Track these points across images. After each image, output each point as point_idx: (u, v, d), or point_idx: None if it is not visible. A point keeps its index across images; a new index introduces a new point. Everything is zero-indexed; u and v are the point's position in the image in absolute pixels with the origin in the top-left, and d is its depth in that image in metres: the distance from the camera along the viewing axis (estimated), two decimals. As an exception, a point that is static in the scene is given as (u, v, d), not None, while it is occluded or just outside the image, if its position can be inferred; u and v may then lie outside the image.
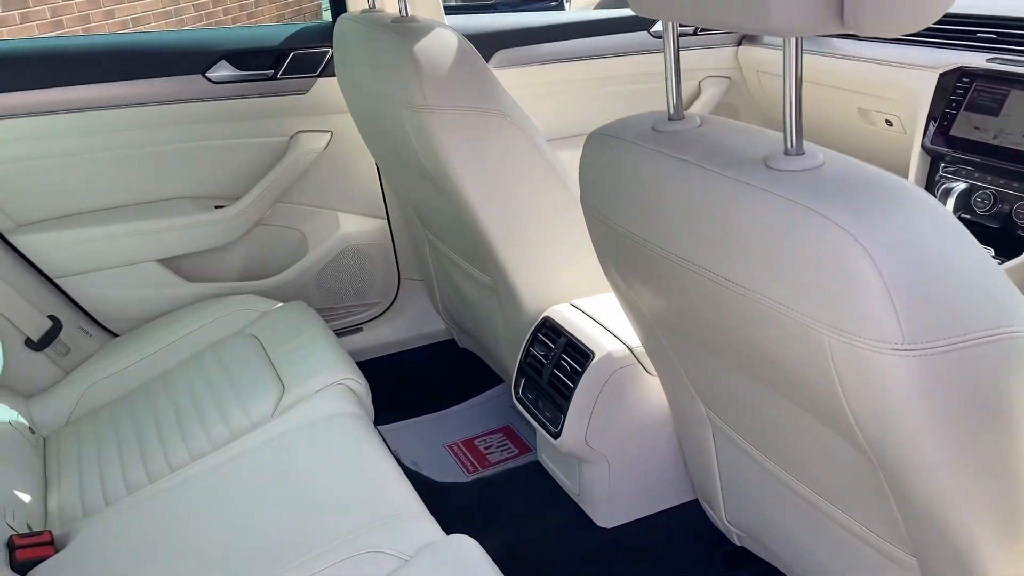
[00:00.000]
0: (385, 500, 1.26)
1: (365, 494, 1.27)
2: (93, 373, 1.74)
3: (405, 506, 1.25)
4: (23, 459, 1.52)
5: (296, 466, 1.35)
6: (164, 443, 1.49)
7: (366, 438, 1.41)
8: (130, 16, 5.86)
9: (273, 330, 1.72)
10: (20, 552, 1.26)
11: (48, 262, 1.79)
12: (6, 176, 1.74)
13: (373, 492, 1.27)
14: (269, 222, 1.99)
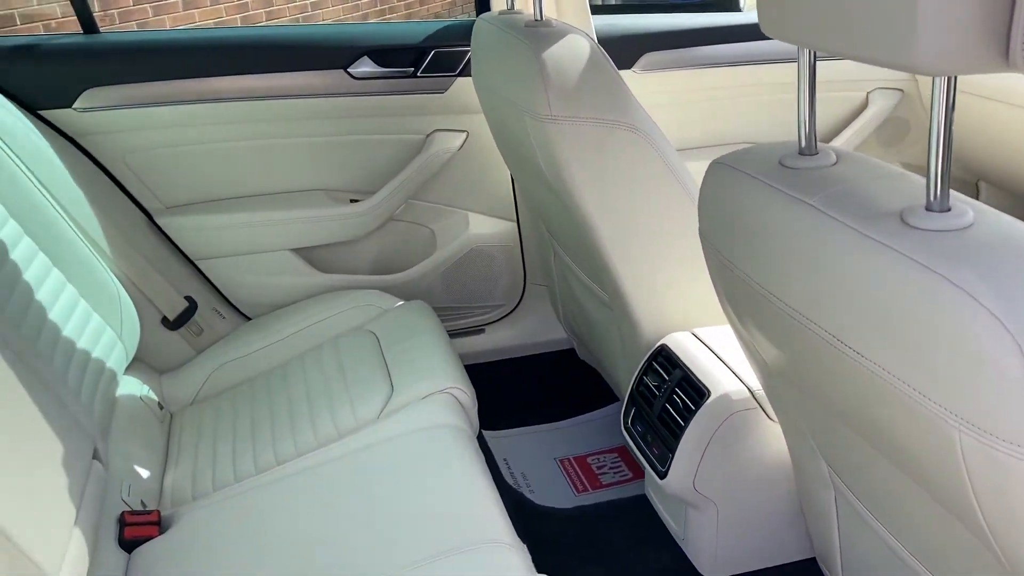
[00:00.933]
0: (475, 524, 1.21)
1: (455, 515, 1.23)
2: (222, 355, 1.80)
3: (495, 534, 1.20)
4: (149, 434, 1.59)
5: (391, 476, 1.33)
6: (275, 434, 1.52)
7: (466, 454, 1.37)
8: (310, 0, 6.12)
9: (391, 328, 1.72)
10: (128, 530, 1.32)
11: (189, 244, 1.87)
12: (158, 160, 1.82)
13: (464, 513, 1.24)
14: (400, 218, 2.00)
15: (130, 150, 1.80)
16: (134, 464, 1.49)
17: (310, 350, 1.75)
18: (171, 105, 1.78)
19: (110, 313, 1.63)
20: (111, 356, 1.59)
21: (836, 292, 0.74)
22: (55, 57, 1.71)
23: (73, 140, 1.75)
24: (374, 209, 1.94)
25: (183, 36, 1.82)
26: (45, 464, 1.12)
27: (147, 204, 1.85)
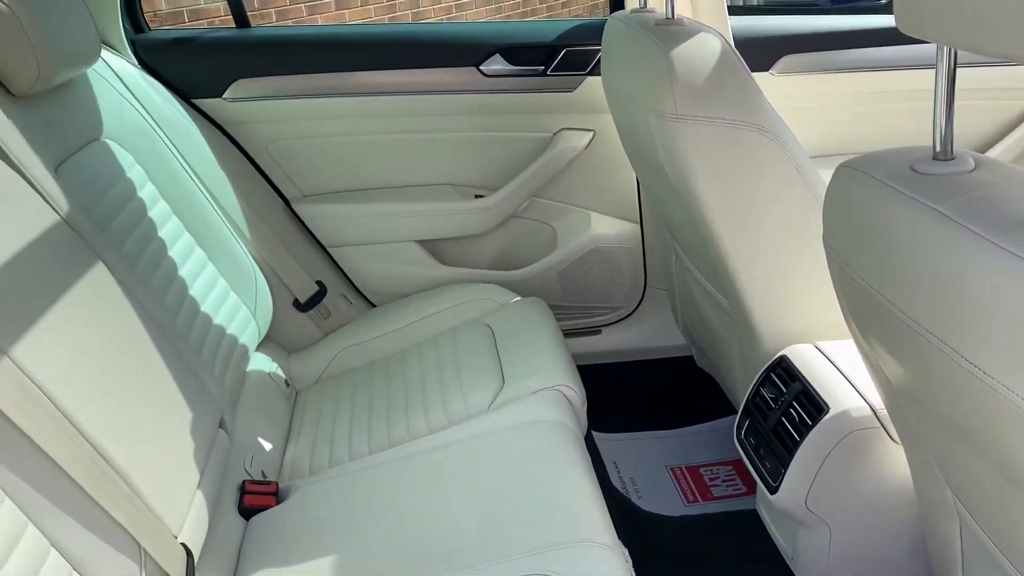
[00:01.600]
0: (576, 522, 1.21)
1: (556, 511, 1.23)
2: (346, 338, 1.88)
3: (595, 534, 1.19)
4: (275, 410, 1.67)
5: (496, 467, 1.34)
6: (390, 417, 1.56)
7: (571, 451, 1.37)
8: (455, 2, 6.27)
9: (507, 323, 1.74)
10: (248, 498, 1.39)
11: (322, 231, 1.95)
12: (298, 150, 1.91)
13: (565, 510, 1.23)
14: (523, 215, 2.01)
15: (273, 139, 1.90)
16: (258, 437, 1.57)
17: (428, 339, 1.79)
18: (312, 98, 1.86)
19: (246, 293, 1.73)
20: (245, 333, 1.68)
21: (964, 306, 0.69)
22: (209, 49, 1.83)
23: (221, 128, 1.86)
24: (498, 205, 1.96)
25: (326, 32, 1.90)
26: (174, 429, 1.20)
27: (286, 192, 1.94)
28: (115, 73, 1.64)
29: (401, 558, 1.19)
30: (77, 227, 1.25)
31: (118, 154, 1.54)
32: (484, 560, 1.16)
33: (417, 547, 1.21)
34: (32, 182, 1.20)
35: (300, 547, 1.26)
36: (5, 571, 0.87)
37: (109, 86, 1.58)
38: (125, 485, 1.02)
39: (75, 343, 1.09)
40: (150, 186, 1.60)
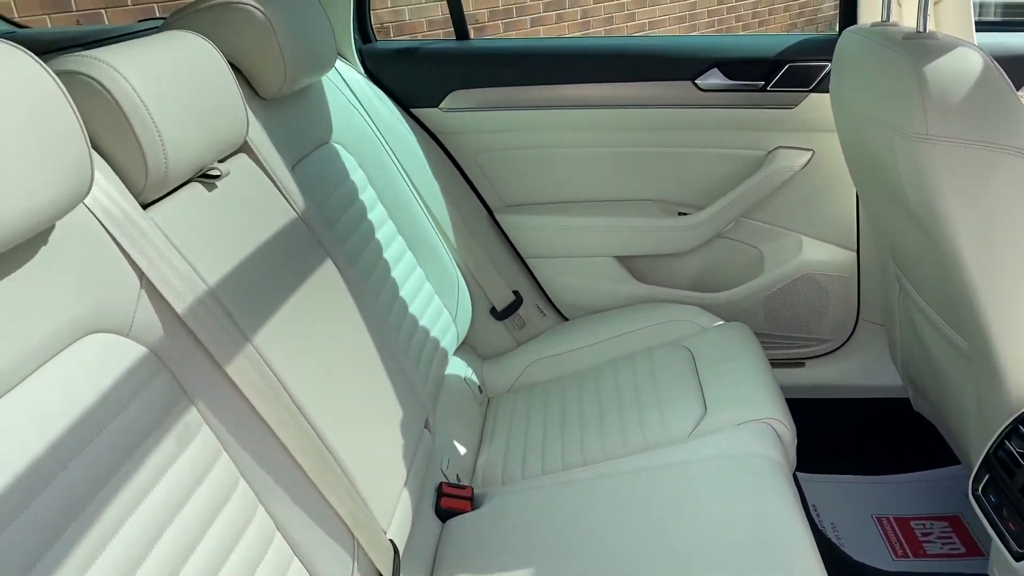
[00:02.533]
0: (785, 562, 1.13)
1: (763, 549, 1.15)
2: (540, 350, 1.87)
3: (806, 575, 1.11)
4: (469, 415, 1.69)
5: (698, 497, 1.28)
6: (583, 434, 1.53)
7: (781, 489, 1.28)
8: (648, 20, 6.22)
9: (708, 348, 1.67)
10: (444, 500, 1.40)
11: (522, 242, 1.96)
12: (505, 161, 1.93)
13: (773, 549, 1.15)
14: (728, 236, 1.94)
15: (482, 150, 1.93)
16: (454, 440, 1.59)
17: (623, 357, 1.75)
18: (523, 110, 1.87)
19: (449, 297, 1.76)
20: (445, 337, 1.71)
21: None
22: (429, 60, 1.88)
23: (435, 137, 1.91)
24: (702, 224, 1.90)
25: (541, 44, 1.91)
26: (386, 426, 1.23)
27: (490, 201, 1.97)
28: (344, 80, 1.72)
29: (597, 581, 1.16)
30: (311, 224, 1.30)
31: (344, 158, 1.61)
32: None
33: (612, 570, 1.16)
34: (274, 179, 1.27)
35: (497, 556, 1.25)
36: (237, 550, 0.90)
37: (339, 92, 1.66)
38: (345, 478, 1.05)
39: (305, 335, 1.13)
40: (370, 189, 1.66)
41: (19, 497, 0.69)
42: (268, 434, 0.98)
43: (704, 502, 1.27)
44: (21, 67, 0.73)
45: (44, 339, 0.77)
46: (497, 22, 5.34)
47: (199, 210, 1.07)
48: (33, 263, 0.79)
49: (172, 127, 0.99)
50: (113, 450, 0.80)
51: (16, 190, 0.69)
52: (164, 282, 0.92)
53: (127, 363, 0.86)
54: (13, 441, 0.71)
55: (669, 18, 6.36)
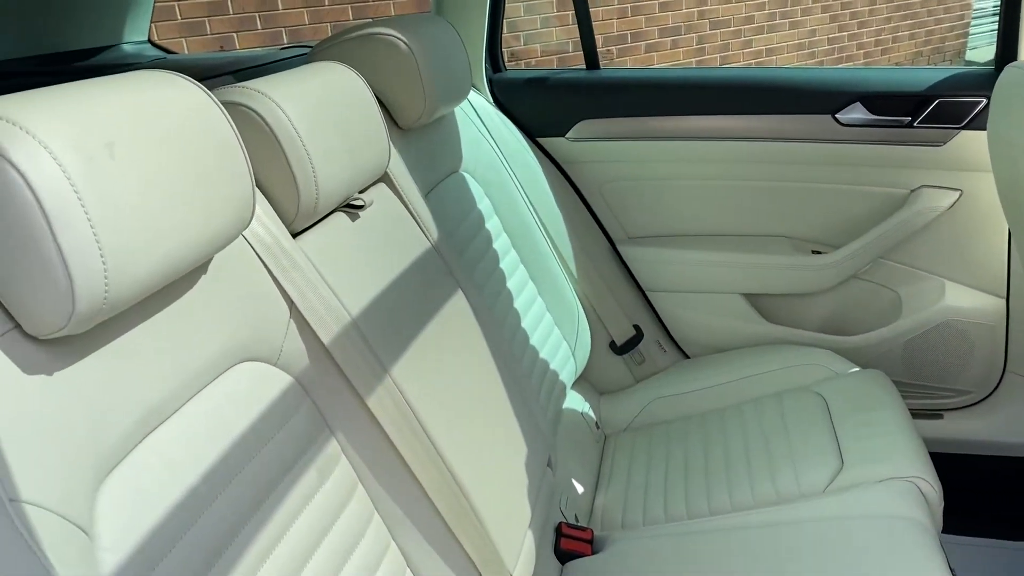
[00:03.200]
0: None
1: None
2: (660, 388, 1.82)
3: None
4: (586, 452, 1.65)
5: (837, 561, 1.20)
6: (709, 482, 1.47)
7: (929, 556, 1.19)
8: (765, 47, 6.09)
9: (844, 396, 1.58)
10: (564, 542, 1.36)
11: (644, 275, 1.91)
12: (630, 192, 1.90)
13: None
14: (864, 277, 1.84)
15: (606, 180, 1.90)
16: (572, 478, 1.55)
17: (750, 401, 1.68)
18: (652, 140, 1.84)
19: (569, 329, 1.73)
20: (564, 370, 1.68)
21: None
22: (559, 89, 1.87)
23: (560, 167, 1.90)
24: (838, 264, 1.81)
25: (673, 74, 1.87)
26: (513, 462, 1.20)
27: (612, 232, 1.93)
28: (474, 109, 1.72)
29: (731, 643, 1.10)
30: (442, 253, 1.30)
31: (472, 186, 1.61)
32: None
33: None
34: (410, 208, 1.27)
35: (619, 606, 1.20)
36: (369, 586, 0.89)
37: (470, 122, 1.67)
38: (474, 516, 1.03)
39: (438, 368, 1.12)
40: (495, 218, 1.65)
41: (175, 527, 0.69)
42: (403, 468, 0.97)
43: (843, 566, 1.19)
44: (194, 100, 0.75)
45: (200, 368, 0.78)
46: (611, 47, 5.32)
47: (343, 240, 1.07)
48: (193, 292, 0.80)
49: (323, 158, 1.00)
50: (260, 480, 0.80)
51: (187, 221, 0.70)
52: (312, 312, 0.92)
53: (275, 392, 0.86)
54: (169, 470, 0.71)
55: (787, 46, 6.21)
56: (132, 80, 0.71)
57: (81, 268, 0.59)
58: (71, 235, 0.59)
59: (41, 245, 0.58)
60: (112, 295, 0.62)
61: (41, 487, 0.58)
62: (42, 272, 0.58)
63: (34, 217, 0.57)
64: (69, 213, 0.59)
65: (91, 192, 0.61)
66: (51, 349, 0.64)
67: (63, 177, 0.59)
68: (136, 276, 0.64)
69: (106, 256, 0.61)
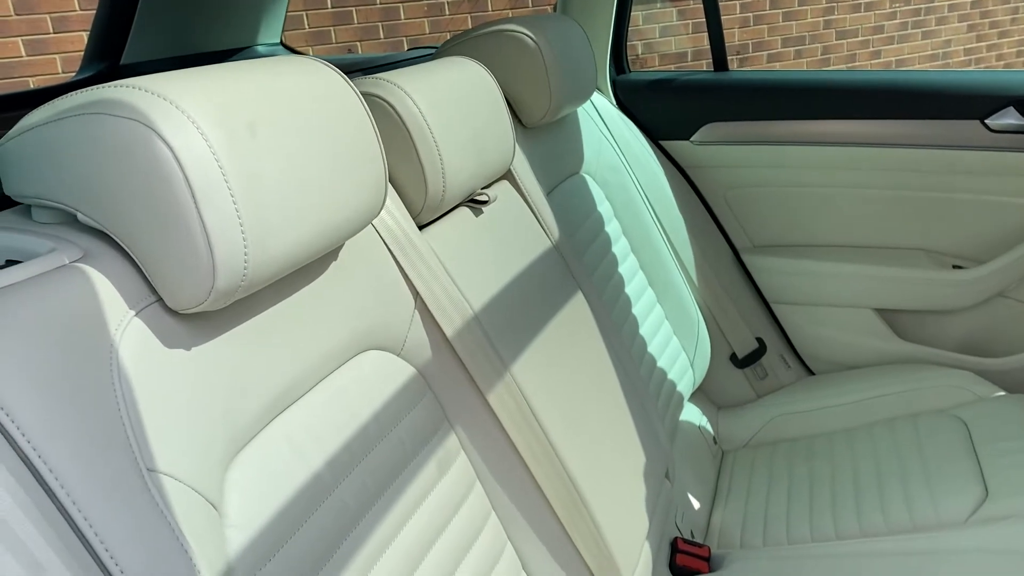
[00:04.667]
0: None
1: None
2: (783, 404, 1.73)
3: None
4: (703, 466, 1.59)
5: (985, 597, 1.11)
6: (836, 504, 1.39)
7: (1089, 600, 1.08)
8: (895, 58, 5.83)
9: (988, 421, 1.47)
10: (680, 557, 1.31)
11: (768, 286, 1.84)
12: (755, 198, 1.83)
13: None
14: (1011, 295, 1.71)
15: (731, 186, 1.83)
16: (687, 493, 1.49)
17: (882, 422, 1.58)
18: (780, 145, 1.76)
19: (687, 339, 1.67)
20: (682, 380, 1.62)
21: None
22: (684, 92, 1.82)
23: (683, 171, 1.85)
24: (982, 280, 1.69)
25: (802, 77, 1.79)
26: (630, 470, 1.16)
27: (736, 240, 1.86)
28: (597, 111, 1.69)
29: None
30: (563, 254, 1.28)
31: (592, 188, 1.58)
32: None
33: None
34: (532, 207, 1.26)
35: (738, 628, 1.14)
36: (485, 585, 0.87)
37: (592, 123, 1.64)
38: (592, 523, 0.99)
39: (556, 368, 1.10)
40: (615, 222, 1.62)
41: (301, 509, 0.69)
42: (521, 467, 0.94)
43: (991, 603, 1.09)
44: (332, 85, 0.75)
45: (328, 353, 0.78)
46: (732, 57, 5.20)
47: (466, 234, 1.06)
48: (324, 278, 0.81)
49: (451, 152, 0.99)
50: (382, 469, 0.79)
51: (322, 203, 0.70)
52: (436, 303, 0.91)
53: (399, 382, 0.85)
54: (296, 454, 0.71)
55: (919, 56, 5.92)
56: (272, 64, 0.72)
57: (223, 243, 0.60)
58: (215, 210, 0.59)
59: (186, 219, 0.58)
60: (251, 272, 0.62)
61: (177, 459, 0.58)
62: (186, 246, 0.59)
63: (181, 191, 0.58)
64: (214, 188, 0.59)
65: (234, 169, 0.61)
66: (191, 325, 0.65)
67: (209, 153, 0.60)
68: (274, 255, 0.64)
69: (247, 233, 0.61)
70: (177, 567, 0.55)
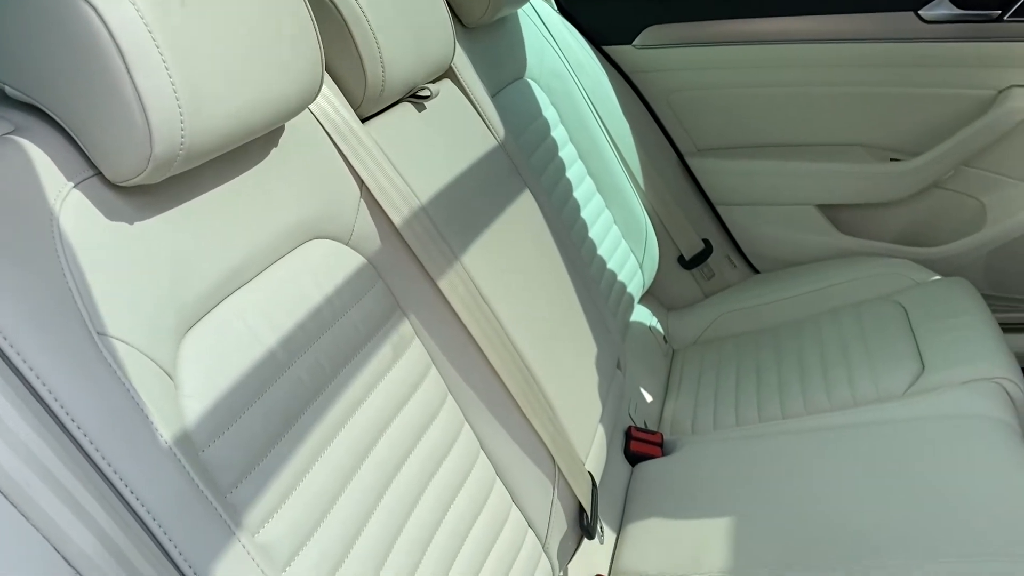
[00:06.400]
0: None
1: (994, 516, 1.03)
2: (730, 302, 1.78)
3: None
4: (654, 364, 1.63)
5: (922, 458, 1.17)
6: (782, 388, 1.44)
7: (1014, 453, 1.15)
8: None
9: (925, 304, 1.53)
10: (635, 444, 1.36)
11: (713, 188, 1.87)
12: (697, 102, 1.84)
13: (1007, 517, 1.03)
14: (945, 185, 1.76)
15: (674, 89, 1.84)
16: (640, 387, 1.54)
17: (826, 312, 1.63)
18: (719, 46, 1.77)
19: (636, 242, 1.70)
20: (631, 282, 1.66)
21: None
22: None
23: (627, 76, 1.85)
24: (917, 171, 1.73)
25: None
26: (583, 358, 1.19)
27: (680, 144, 1.88)
28: (539, 16, 1.68)
29: (806, 535, 1.08)
30: (509, 153, 1.28)
31: (537, 94, 1.58)
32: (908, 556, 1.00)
33: (824, 526, 1.08)
34: (476, 106, 1.25)
35: (692, 503, 1.19)
36: (445, 464, 0.90)
37: (535, 28, 1.63)
38: (547, 404, 1.02)
39: (507, 259, 1.11)
40: (561, 128, 1.62)
41: (256, 383, 0.70)
42: (476, 352, 0.96)
43: (926, 466, 1.15)
44: None
45: (274, 237, 0.78)
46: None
47: (409, 128, 1.06)
48: (266, 163, 0.80)
49: (389, 41, 0.98)
50: (337, 351, 0.81)
51: (257, 78, 0.69)
52: (382, 193, 0.92)
53: (348, 270, 0.86)
54: (249, 332, 0.72)
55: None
56: (200, -61, 0.70)
57: (158, 110, 0.59)
58: (147, 75, 0.58)
59: (118, 85, 0.58)
60: (188, 141, 0.62)
61: (127, 326, 0.59)
62: (120, 114, 0.58)
63: (110, 56, 0.57)
64: (144, 53, 0.58)
65: (164, 35, 0.60)
66: (132, 200, 0.64)
67: (139, 19, 0.59)
68: (210, 126, 0.64)
69: (181, 100, 0.61)
70: (135, 426, 0.56)
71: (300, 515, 0.69)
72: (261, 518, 0.66)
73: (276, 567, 0.64)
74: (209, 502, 0.59)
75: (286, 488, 0.69)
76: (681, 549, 1.10)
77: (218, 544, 0.58)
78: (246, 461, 0.66)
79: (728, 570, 1.04)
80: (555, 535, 1.00)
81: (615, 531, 1.20)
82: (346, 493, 0.75)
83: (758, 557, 1.06)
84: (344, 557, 0.72)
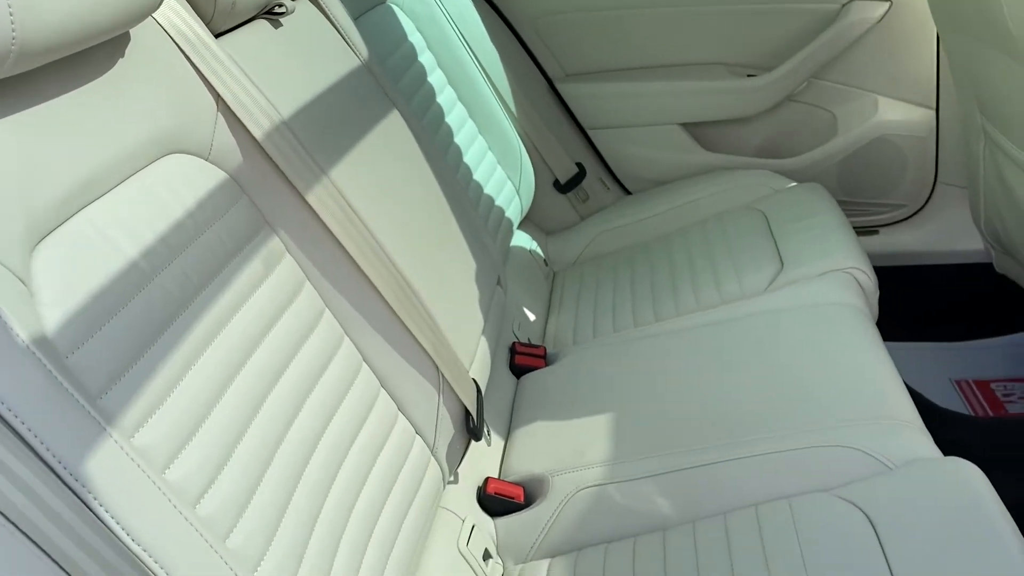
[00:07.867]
0: (877, 400, 1.10)
1: (854, 389, 1.13)
2: (605, 223, 1.83)
3: (899, 412, 1.08)
4: (535, 285, 1.67)
5: (782, 344, 1.26)
6: (655, 295, 1.51)
7: (866, 333, 1.25)
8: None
9: (782, 208, 1.62)
10: (519, 358, 1.40)
11: (583, 112, 1.90)
12: (562, 27, 1.86)
13: (864, 389, 1.13)
14: (798, 99, 1.85)
15: (540, 15, 1.86)
16: (523, 307, 1.57)
17: (694, 224, 1.70)
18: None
19: (512, 168, 1.72)
20: (509, 207, 1.68)
21: None
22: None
23: (492, 2, 1.85)
24: (771, 86, 1.82)
25: None
26: (462, 273, 1.21)
27: (549, 70, 1.91)
28: (399, -60, 1.65)
29: (681, 421, 1.15)
30: (375, 74, 1.27)
31: (401, 19, 1.56)
32: (773, 431, 1.08)
33: (698, 412, 1.15)
34: (336, 25, 1.23)
35: (573, 405, 1.24)
36: (325, 377, 0.90)
37: (394, -48, 1.60)
38: (427, 315, 1.04)
39: (378, 176, 1.11)
40: (428, 54, 1.62)
41: (117, 294, 0.68)
42: (351, 266, 0.97)
43: (789, 350, 1.24)
44: None
45: (126, 150, 0.76)
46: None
47: (266, 44, 1.04)
48: (112, 74, 0.77)
49: None
50: (203, 265, 0.79)
51: None
52: (240, 107, 0.90)
53: (209, 185, 0.84)
54: (107, 244, 0.70)
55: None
56: None
57: None
58: None
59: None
60: (20, 37, 0.59)
61: (-30, 229, 0.57)
62: None
63: None
64: None
65: None
66: (-36, 105, 0.61)
67: None
68: (46, 21, 0.61)
69: None
70: (-12, 326, 0.54)
71: (177, 419, 0.68)
72: (136, 422, 0.65)
73: (155, 468, 0.64)
74: (79, 403, 0.58)
75: (161, 393, 0.68)
76: (566, 446, 1.15)
77: (91, 443, 0.58)
78: (116, 366, 0.65)
79: (610, 460, 1.10)
80: (443, 440, 1.03)
81: (503, 438, 1.24)
82: (224, 400, 0.75)
83: (636, 445, 1.12)
84: (226, 461, 0.72)
